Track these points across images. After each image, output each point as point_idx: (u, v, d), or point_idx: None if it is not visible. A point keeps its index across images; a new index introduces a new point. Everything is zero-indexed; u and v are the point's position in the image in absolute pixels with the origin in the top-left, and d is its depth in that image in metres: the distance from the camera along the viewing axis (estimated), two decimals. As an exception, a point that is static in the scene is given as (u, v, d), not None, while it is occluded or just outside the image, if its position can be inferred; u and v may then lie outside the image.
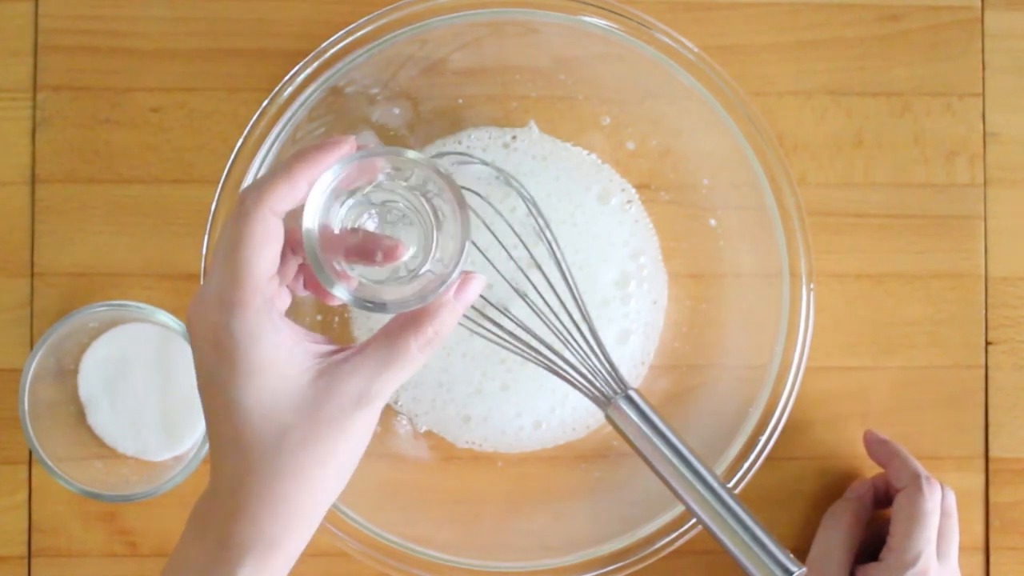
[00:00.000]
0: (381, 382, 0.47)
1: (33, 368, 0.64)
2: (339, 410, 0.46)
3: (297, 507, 0.47)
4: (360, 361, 0.47)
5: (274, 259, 0.46)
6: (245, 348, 0.45)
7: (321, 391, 0.46)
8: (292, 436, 0.46)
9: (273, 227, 0.46)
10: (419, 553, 0.62)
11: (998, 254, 0.71)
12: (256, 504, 0.46)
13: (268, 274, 0.46)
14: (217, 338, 0.46)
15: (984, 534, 0.70)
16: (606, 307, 0.67)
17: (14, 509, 0.68)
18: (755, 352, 0.64)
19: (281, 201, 0.46)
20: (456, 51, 0.65)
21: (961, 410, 0.70)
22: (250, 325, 0.45)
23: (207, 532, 0.47)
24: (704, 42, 0.65)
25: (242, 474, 0.46)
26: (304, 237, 0.46)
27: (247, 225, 0.45)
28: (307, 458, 0.46)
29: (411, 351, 0.47)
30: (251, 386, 0.46)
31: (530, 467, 0.68)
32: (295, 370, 0.46)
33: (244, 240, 0.45)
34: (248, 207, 0.45)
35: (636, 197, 0.69)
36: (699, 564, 0.69)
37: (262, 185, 0.46)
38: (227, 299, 0.45)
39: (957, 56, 0.71)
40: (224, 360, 0.46)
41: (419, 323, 0.47)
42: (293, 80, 0.61)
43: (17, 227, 0.68)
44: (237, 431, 0.46)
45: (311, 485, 0.47)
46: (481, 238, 0.65)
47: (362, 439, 0.48)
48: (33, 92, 0.69)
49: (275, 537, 0.46)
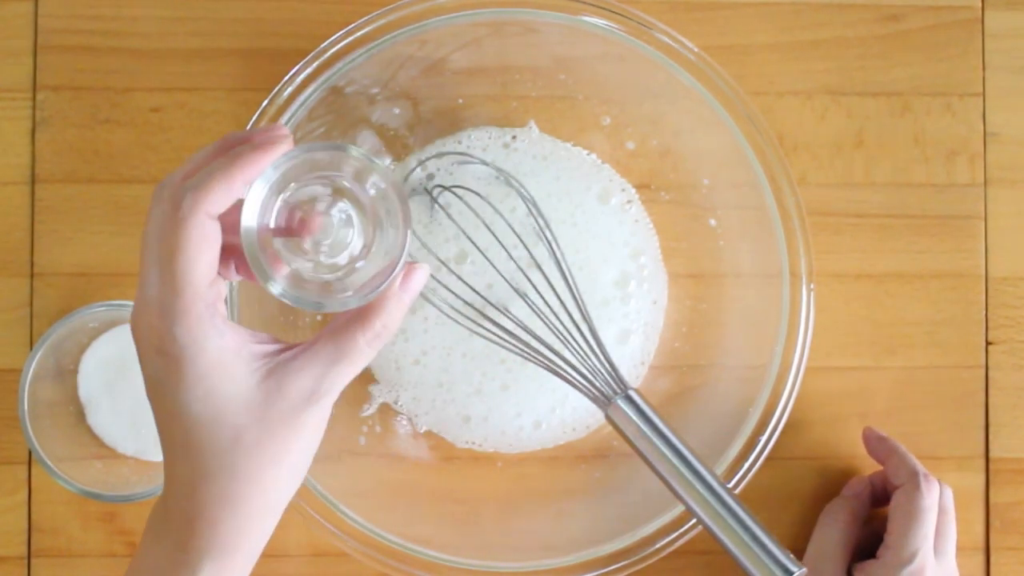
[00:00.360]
0: (331, 378, 0.47)
1: (33, 368, 0.64)
2: (290, 408, 0.46)
3: (254, 507, 0.47)
4: (309, 358, 0.47)
5: (212, 263, 0.45)
6: (191, 354, 0.45)
7: (271, 391, 0.46)
8: (245, 438, 0.46)
9: (210, 231, 0.45)
10: (419, 553, 0.62)
11: (998, 254, 0.71)
12: (213, 507, 0.46)
13: (208, 279, 0.45)
14: (162, 345, 0.45)
15: (984, 534, 0.70)
16: (606, 307, 0.67)
17: (14, 509, 0.68)
18: (755, 352, 0.64)
19: (217, 204, 0.45)
20: (456, 51, 0.65)
21: (961, 410, 0.70)
22: (194, 332, 0.45)
23: (165, 537, 0.47)
24: (704, 42, 0.65)
25: (197, 479, 0.46)
26: (243, 237, 0.45)
27: (184, 230, 0.44)
28: (261, 458, 0.46)
29: (359, 346, 0.47)
30: (199, 392, 0.45)
31: (530, 467, 0.68)
32: (242, 372, 0.46)
33: (181, 247, 0.44)
34: (184, 212, 0.44)
35: (636, 197, 0.68)
36: (699, 564, 0.69)
37: (198, 188, 0.44)
38: (168, 307, 0.45)
39: (957, 56, 0.71)
40: (170, 367, 0.45)
41: (366, 318, 0.47)
42: (293, 80, 0.61)
43: (17, 227, 0.68)
44: (188, 436, 0.46)
45: (267, 485, 0.47)
46: (481, 238, 0.65)
47: (315, 435, 0.48)
48: (33, 92, 0.69)
49: (233, 538, 0.47)
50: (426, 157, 0.67)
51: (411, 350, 0.67)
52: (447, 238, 0.66)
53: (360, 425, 0.67)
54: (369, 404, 0.68)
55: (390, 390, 0.68)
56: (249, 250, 0.45)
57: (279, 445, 0.46)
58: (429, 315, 0.66)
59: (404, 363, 0.67)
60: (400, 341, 0.67)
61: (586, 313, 0.62)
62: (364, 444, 0.67)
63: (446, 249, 0.66)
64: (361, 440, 0.67)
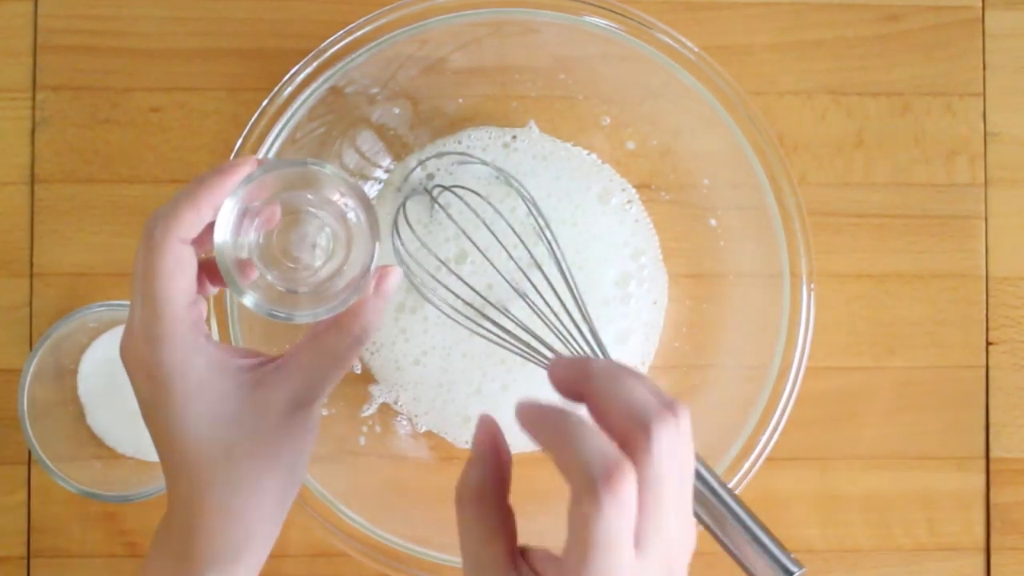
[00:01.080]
0: (315, 384, 0.48)
1: (32, 368, 0.64)
2: (279, 417, 0.48)
3: (253, 516, 0.48)
4: (292, 368, 0.48)
5: (190, 287, 0.47)
6: (178, 376, 0.47)
7: (259, 402, 0.48)
8: (238, 449, 0.47)
9: (184, 255, 0.47)
10: (419, 553, 0.62)
11: (999, 254, 0.71)
12: (212, 518, 0.47)
13: (186, 302, 0.47)
14: (149, 370, 0.47)
15: (985, 535, 0.70)
16: (606, 307, 0.67)
17: (13, 509, 0.68)
18: (755, 352, 0.64)
19: (188, 229, 0.47)
20: (456, 51, 0.65)
21: (962, 410, 0.70)
22: (179, 354, 0.47)
23: (169, 551, 0.48)
24: (704, 42, 0.65)
25: (196, 494, 0.47)
26: (216, 251, 0.47)
27: (158, 258, 0.46)
28: (255, 468, 0.48)
29: (340, 351, 0.49)
30: (190, 411, 0.47)
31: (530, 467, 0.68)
32: (229, 387, 0.48)
33: (157, 273, 0.46)
34: (156, 239, 0.46)
35: (636, 197, 0.68)
36: (699, 564, 0.69)
37: (168, 215, 0.46)
38: (152, 333, 0.46)
39: (958, 56, 0.71)
40: (160, 390, 0.47)
41: (344, 323, 0.49)
42: (293, 80, 0.61)
43: (17, 227, 0.68)
44: (184, 454, 0.47)
45: (264, 493, 0.48)
46: (481, 238, 0.65)
47: (307, 441, 0.49)
48: (32, 92, 0.68)
49: (234, 548, 0.48)
50: (426, 157, 0.67)
51: (411, 350, 0.67)
52: (447, 238, 0.66)
53: (360, 425, 0.67)
54: (369, 404, 0.68)
55: (390, 390, 0.68)
56: (222, 264, 0.47)
57: (271, 454, 0.48)
58: (429, 315, 0.66)
59: (404, 363, 0.67)
60: (400, 341, 0.67)
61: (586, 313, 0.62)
62: (364, 444, 0.67)
63: (446, 249, 0.66)
64: (361, 440, 0.67)
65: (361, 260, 0.49)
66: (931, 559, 0.70)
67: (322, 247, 0.50)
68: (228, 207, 0.47)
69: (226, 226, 0.47)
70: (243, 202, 0.47)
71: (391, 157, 0.68)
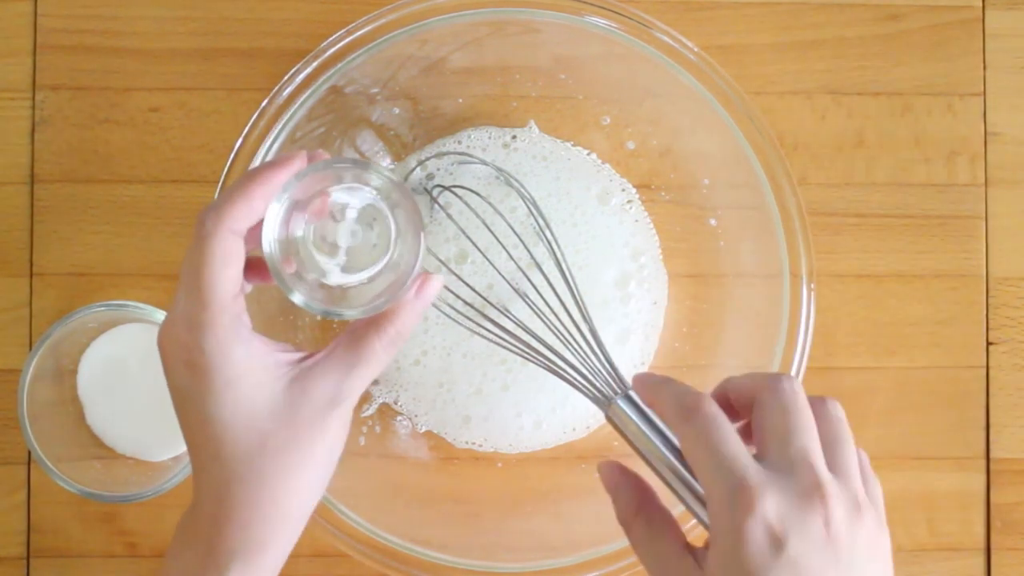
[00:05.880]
0: (350, 382, 0.49)
1: (32, 368, 0.64)
2: (314, 412, 0.48)
3: (283, 509, 0.48)
4: (329, 364, 0.49)
5: (237, 277, 0.47)
6: (218, 364, 0.47)
7: (296, 396, 0.48)
8: (272, 441, 0.48)
9: (233, 247, 0.47)
10: (419, 553, 0.62)
11: (999, 254, 0.71)
12: (243, 510, 0.48)
13: (232, 293, 0.47)
14: (190, 357, 0.47)
15: (985, 535, 0.70)
16: (606, 307, 0.67)
17: (13, 509, 0.68)
18: (755, 352, 0.64)
19: (239, 221, 0.47)
20: (456, 51, 0.65)
21: (962, 410, 0.70)
22: (221, 342, 0.47)
23: (196, 541, 0.48)
24: (704, 42, 0.65)
25: (226, 483, 0.48)
26: (264, 248, 0.47)
27: (208, 247, 0.46)
28: (289, 461, 0.48)
29: (376, 351, 0.49)
30: (227, 399, 0.47)
31: (530, 467, 0.68)
32: (268, 379, 0.48)
33: (206, 262, 0.46)
34: (208, 229, 0.47)
35: (636, 197, 0.68)
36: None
37: (220, 206, 0.47)
38: (195, 320, 0.47)
39: (958, 56, 0.71)
40: (198, 377, 0.47)
41: (381, 324, 0.49)
42: (293, 80, 0.61)
43: (16, 227, 0.68)
44: (218, 443, 0.48)
45: (295, 487, 0.48)
46: (481, 238, 0.65)
47: (339, 437, 0.50)
48: (32, 92, 0.68)
49: (262, 540, 0.48)
50: (426, 157, 0.67)
51: (411, 350, 0.67)
52: (447, 238, 0.66)
53: (360, 425, 0.67)
54: (369, 404, 0.68)
55: (390, 390, 0.68)
56: (270, 259, 0.47)
57: (305, 449, 0.48)
58: (429, 315, 0.66)
59: (404, 363, 0.67)
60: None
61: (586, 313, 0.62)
62: (364, 444, 0.67)
63: (446, 249, 0.66)
64: (361, 440, 0.67)
65: (405, 260, 0.49)
66: (931, 559, 0.70)
67: (367, 246, 0.50)
68: (278, 203, 0.47)
69: (276, 221, 0.48)
70: (292, 199, 0.48)
71: (391, 157, 0.68)
